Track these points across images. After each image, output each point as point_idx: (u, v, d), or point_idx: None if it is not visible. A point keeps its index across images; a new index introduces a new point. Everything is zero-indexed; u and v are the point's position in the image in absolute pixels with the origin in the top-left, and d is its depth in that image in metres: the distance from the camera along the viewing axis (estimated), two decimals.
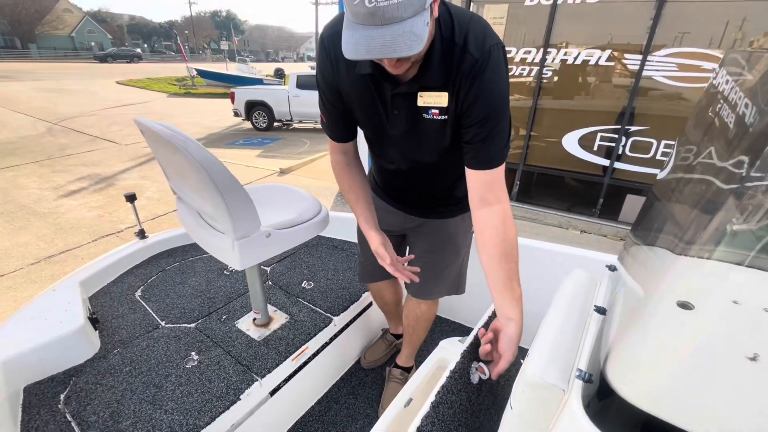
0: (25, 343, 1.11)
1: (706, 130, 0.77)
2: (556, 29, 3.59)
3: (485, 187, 0.88)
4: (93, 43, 50.11)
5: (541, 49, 3.67)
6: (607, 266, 0.94)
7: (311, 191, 5.21)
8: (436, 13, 0.74)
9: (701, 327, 0.45)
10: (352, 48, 0.67)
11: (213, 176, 0.81)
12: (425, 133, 0.91)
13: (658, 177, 0.93)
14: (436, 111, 0.86)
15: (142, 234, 1.73)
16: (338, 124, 1.01)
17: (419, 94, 0.85)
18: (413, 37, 0.66)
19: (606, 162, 3.77)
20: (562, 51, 3.63)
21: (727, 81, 0.77)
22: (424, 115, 0.88)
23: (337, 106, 0.96)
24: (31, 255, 3.28)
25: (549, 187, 4.26)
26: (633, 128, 3.57)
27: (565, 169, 3.99)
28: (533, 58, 3.77)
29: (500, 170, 0.89)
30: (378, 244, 1.07)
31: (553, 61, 3.69)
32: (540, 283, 1.58)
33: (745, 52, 0.79)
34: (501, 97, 0.84)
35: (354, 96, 0.92)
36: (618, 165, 3.73)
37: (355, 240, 1.95)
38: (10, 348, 1.08)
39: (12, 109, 10.55)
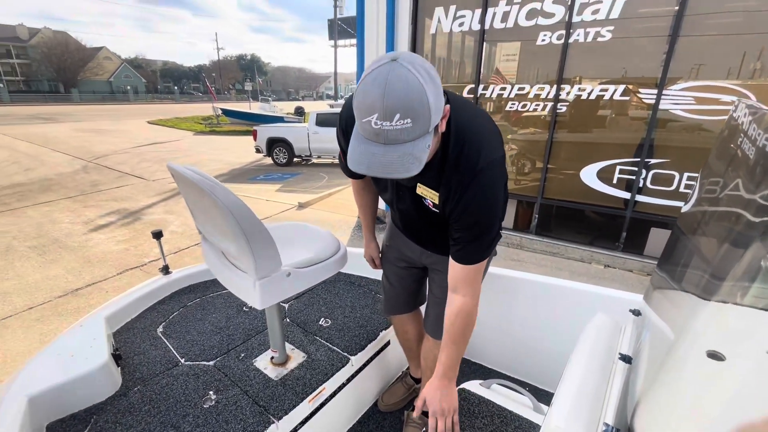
0: (52, 380, 1.13)
1: (731, 161, 0.76)
2: (569, 65, 3.67)
3: (459, 279, 0.98)
4: (128, 87, 53.81)
5: (555, 85, 3.75)
6: (631, 311, 0.91)
7: (329, 224, 5.21)
8: (442, 128, 0.80)
9: (733, 379, 0.43)
10: (356, 162, 0.74)
11: (239, 220, 0.84)
12: (426, 214, 1.01)
13: (683, 210, 0.91)
14: (431, 203, 0.96)
15: (166, 270, 1.78)
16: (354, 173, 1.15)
17: (418, 184, 0.95)
18: (412, 159, 0.71)
19: (627, 195, 3.70)
20: (576, 86, 3.69)
21: (745, 114, 0.77)
22: (424, 201, 0.98)
23: None
24: (59, 288, 3.39)
25: (569, 221, 4.19)
26: (653, 161, 3.53)
27: (584, 203, 3.94)
28: (547, 94, 3.84)
29: (477, 267, 0.96)
30: (369, 253, 1.38)
31: (567, 96, 3.75)
32: (561, 324, 1.53)
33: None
34: (487, 211, 0.89)
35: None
36: (640, 198, 3.66)
37: (372, 276, 2.00)
38: (37, 385, 1.11)
39: (52, 148, 11.29)
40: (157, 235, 1.63)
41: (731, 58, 3.12)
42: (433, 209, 0.96)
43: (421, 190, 0.95)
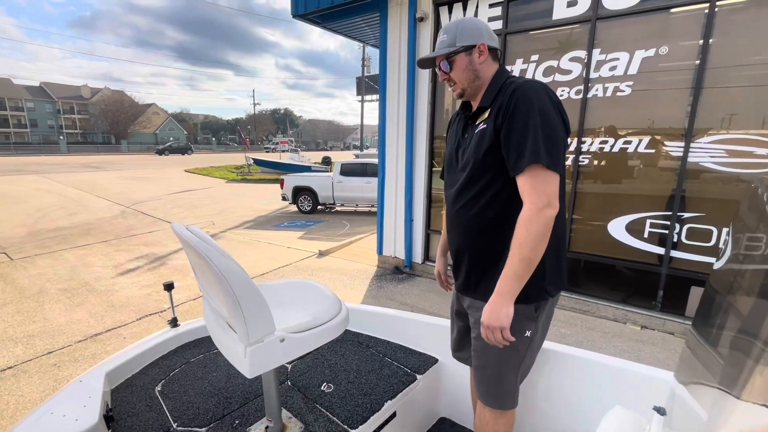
0: None
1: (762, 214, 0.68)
2: (590, 118, 3.66)
3: (522, 190, 1.06)
4: (171, 138, 58.28)
5: (576, 138, 3.72)
6: (654, 409, 0.79)
7: (348, 273, 5.17)
8: (478, 60, 1.19)
9: None
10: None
11: (231, 283, 0.82)
12: (473, 143, 1.18)
13: (715, 267, 0.81)
14: (482, 123, 1.16)
15: (174, 322, 1.76)
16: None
17: (477, 117, 1.20)
18: (431, 56, 1.23)
19: (661, 250, 3.48)
20: (599, 139, 3.65)
21: None
22: (476, 131, 1.18)
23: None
24: (80, 332, 3.44)
25: (600, 276, 3.95)
26: (686, 214, 3.35)
27: (614, 257, 3.73)
28: (569, 147, 3.81)
29: (535, 174, 1.04)
30: (437, 268, 1.55)
31: (590, 147, 3.70)
32: (580, 403, 1.36)
33: None
34: (531, 109, 1.05)
35: (451, 137, 1.36)
36: (675, 254, 3.43)
37: (382, 337, 1.90)
38: None
39: (96, 194, 12.11)
40: (169, 287, 1.63)
41: (763, 109, 3.02)
42: (483, 126, 1.14)
43: (479, 118, 1.18)
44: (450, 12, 4.27)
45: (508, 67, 3.98)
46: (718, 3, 3.01)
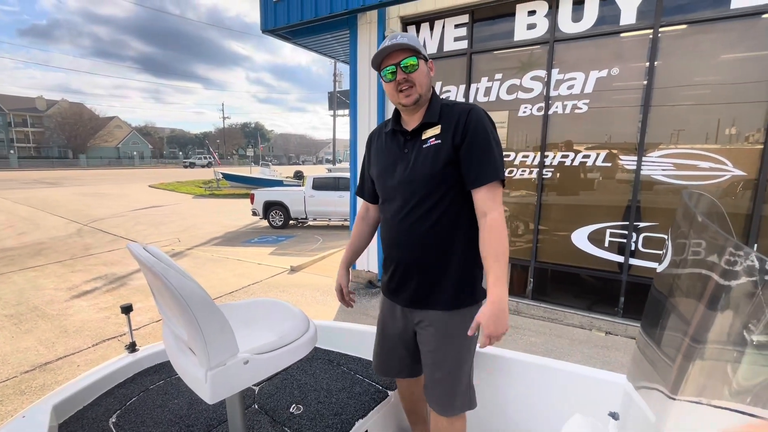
0: None
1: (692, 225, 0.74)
2: (551, 133, 3.84)
3: (484, 201, 1.14)
4: (135, 153, 56.02)
5: (539, 153, 3.89)
6: (609, 414, 0.82)
7: (320, 289, 5.06)
8: (431, 71, 1.25)
9: None
10: (380, 48, 1.17)
11: (191, 305, 0.79)
12: (424, 157, 1.20)
13: (657, 270, 0.87)
14: (433, 139, 1.19)
15: (132, 347, 1.66)
16: (366, 187, 1.44)
17: (423, 132, 1.21)
18: (408, 44, 1.16)
19: (620, 258, 3.66)
20: (560, 153, 3.83)
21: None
22: (424, 146, 1.20)
23: (367, 175, 1.42)
24: (28, 361, 3.17)
25: (566, 285, 4.09)
26: (642, 224, 3.55)
27: (578, 266, 3.88)
28: (532, 160, 3.97)
29: (495, 187, 1.15)
30: (339, 281, 1.53)
31: (552, 162, 3.87)
32: (548, 408, 1.40)
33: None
34: (488, 132, 1.17)
35: (380, 151, 1.33)
36: (634, 261, 3.61)
37: (353, 353, 1.86)
38: None
39: (50, 212, 11.38)
40: (127, 309, 1.54)
41: (705, 126, 3.28)
42: (435, 143, 1.18)
43: (426, 134, 1.21)
44: (418, 31, 4.40)
45: (474, 85, 4.14)
46: (660, 29, 3.28)
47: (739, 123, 3.18)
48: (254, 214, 9.71)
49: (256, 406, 1.47)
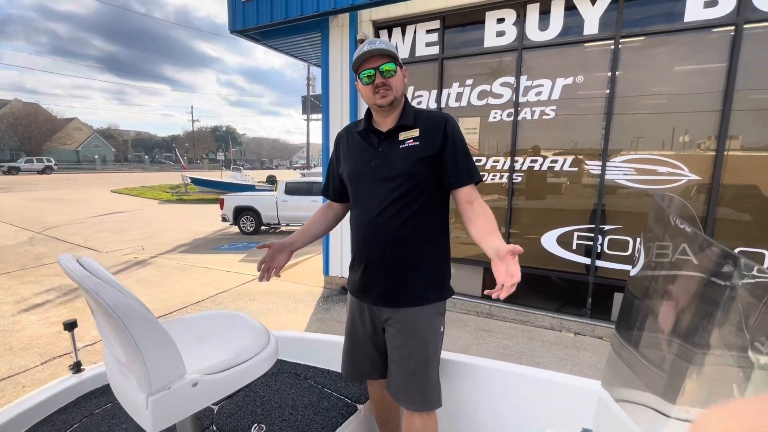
0: None
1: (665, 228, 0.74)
2: (521, 139, 3.92)
3: (469, 194, 1.24)
4: (96, 156, 53.25)
5: (509, 158, 3.95)
6: (583, 430, 0.80)
7: (293, 296, 4.91)
8: (405, 78, 1.28)
9: None
10: (360, 52, 1.21)
11: (126, 322, 0.70)
12: (403, 156, 1.24)
13: (631, 274, 0.87)
14: (411, 140, 1.25)
15: (77, 367, 1.51)
16: (332, 186, 1.45)
17: (399, 133, 1.26)
18: (388, 50, 1.20)
19: (587, 260, 3.76)
20: (529, 158, 3.91)
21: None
22: (401, 146, 1.25)
23: (334, 175, 1.42)
24: None
25: (536, 287, 4.16)
26: (607, 227, 3.66)
27: (548, 268, 3.96)
28: (503, 165, 4.03)
29: (474, 187, 1.27)
30: (272, 252, 1.45)
31: (521, 167, 3.94)
32: (512, 421, 1.38)
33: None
34: (463, 140, 1.28)
35: (351, 149, 1.34)
36: (600, 263, 3.72)
37: (321, 365, 1.78)
38: None
39: None
40: (70, 326, 1.41)
41: (662, 133, 3.44)
42: (413, 144, 1.24)
43: (403, 135, 1.25)
44: (390, 35, 4.40)
45: (446, 90, 4.18)
46: (621, 40, 3.41)
47: (694, 131, 3.35)
48: (224, 219, 9.41)
49: (215, 428, 1.37)
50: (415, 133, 1.25)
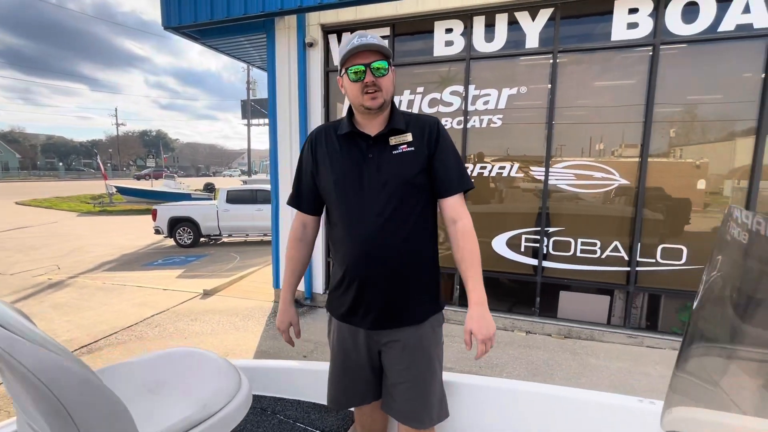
0: None
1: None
2: (471, 146, 4.04)
3: (455, 208, 1.19)
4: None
5: None
6: None
7: (240, 313, 4.55)
8: (393, 79, 1.18)
9: None
10: (350, 46, 1.10)
11: (57, 392, 0.51)
12: (398, 163, 1.16)
13: (695, 307, 0.79)
14: (405, 146, 1.17)
15: None
16: (306, 197, 1.28)
17: (390, 138, 1.17)
18: (381, 46, 1.11)
19: (534, 261, 3.96)
20: (479, 165, 4.03)
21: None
22: (394, 152, 1.17)
23: (308, 183, 1.26)
24: None
25: (488, 289, 4.27)
26: (551, 229, 3.88)
27: (499, 271, 4.10)
28: None
29: (462, 196, 1.22)
30: (287, 319, 1.31)
31: (471, 174, 4.05)
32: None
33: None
34: (453, 145, 1.23)
35: (334, 155, 1.20)
36: (546, 264, 3.93)
37: (291, 396, 1.60)
38: None
39: None
40: None
41: (597, 141, 3.74)
42: (408, 150, 1.16)
43: (394, 140, 1.17)
44: (339, 40, 4.32)
45: (397, 98, 4.19)
46: (559, 54, 3.66)
47: (623, 139, 3.68)
48: (157, 232, 8.61)
49: None
50: (408, 137, 1.17)
